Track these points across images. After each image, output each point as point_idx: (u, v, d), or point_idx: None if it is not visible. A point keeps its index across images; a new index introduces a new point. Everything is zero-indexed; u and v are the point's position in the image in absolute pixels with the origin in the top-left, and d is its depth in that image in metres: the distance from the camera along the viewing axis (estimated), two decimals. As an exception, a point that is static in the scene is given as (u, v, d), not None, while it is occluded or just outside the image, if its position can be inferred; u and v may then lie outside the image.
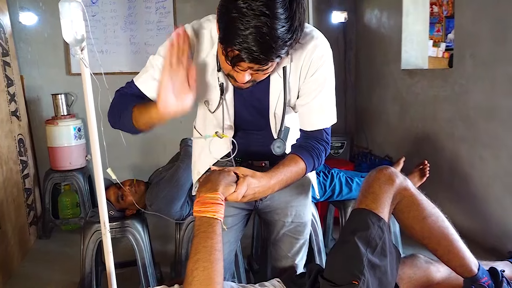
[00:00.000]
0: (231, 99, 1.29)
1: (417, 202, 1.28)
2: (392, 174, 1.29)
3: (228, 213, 1.48)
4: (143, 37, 3.62)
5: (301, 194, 1.53)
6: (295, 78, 1.24)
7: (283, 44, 0.97)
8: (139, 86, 1.24)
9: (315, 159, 1.27)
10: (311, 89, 1.25)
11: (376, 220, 1.20)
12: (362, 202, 1.27)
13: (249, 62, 0.99)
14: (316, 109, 1.27)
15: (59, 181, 3.29)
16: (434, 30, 4.55)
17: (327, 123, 1.30)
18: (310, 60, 1.20)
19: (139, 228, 2.16)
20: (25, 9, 3.34)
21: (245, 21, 0.93)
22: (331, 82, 1.27)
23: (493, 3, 2.53)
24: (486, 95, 2.64)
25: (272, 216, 1.54)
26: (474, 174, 2.78)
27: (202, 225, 1.02)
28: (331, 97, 1.29)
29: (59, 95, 3.26)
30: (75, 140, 3.23)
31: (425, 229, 1.27)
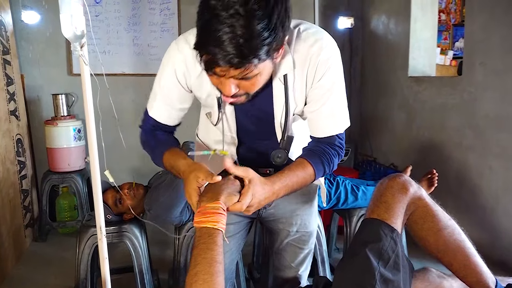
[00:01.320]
0: (232, 111, 1.21)
1: (432, 213, 1.20)
2: (406, 182, 1.21)
3: (230, 221, 1.41)
4: (146, 39, 3.57)
5: (307, 202, 1.46)
6: (301, 85, 1.15)
7: (260, 43, 0.88)
8: (154, 117, 1.26)
9: (326, 164, 1.19)
10: (319, 95, 1.16)
11: (389, 231, 1.13)
12: (374, 211, 1.19)
13: (224, 66, 0.90)
14: (326, 115, 1.18)
15: (57, 183, 3.23)
16: (441, 38, 4.49)
17: (339, 129, 1.21)
18: (316, 64, 1.11)
19: (137, 233, 2.09)
20: (27, 7, 3.29)
21: (218, 21, 0.86)
22: (341, 85, 1.18)
23: (504, 10, 2.47)
24: (496, 104, 2.57)
25: (276, 225, 1.47)
26: (483, 184, 2.70)
27: (202, 236, 0.95)
28: (341, 101, 1.20)
29: (59, 95, 3.20)
30: (75, 141, 3.17)
31: (440, 242, 1.19)
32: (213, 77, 0.97)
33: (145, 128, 1.32)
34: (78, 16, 1.38)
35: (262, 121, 1.23)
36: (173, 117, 1.28)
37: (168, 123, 1.28)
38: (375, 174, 3.46)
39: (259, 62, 0.92)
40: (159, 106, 1.25)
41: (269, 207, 1.41)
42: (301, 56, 1.11)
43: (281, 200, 1.39)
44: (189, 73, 1.17)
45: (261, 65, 0.94)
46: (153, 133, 1.30)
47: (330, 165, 1.20)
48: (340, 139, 1.23)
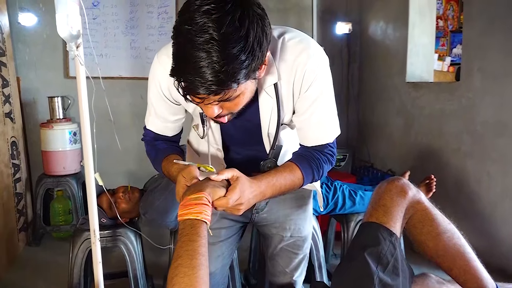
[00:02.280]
0: (217, 125, 1.20)
1: (431, 217, 1.19)
2: (405, 185, 1.20)
3: (222, 225, 1.39)
4: (144, 42, 3.55)
5: (301, 207, 1.44)
6: (288, 95, 1.12)
7: (238, 67, 0.85)
8: (152, 130, 1.29)
9: (315, 170, 1.17)
10: (307, 105, 1.13)
11: (388, 235, 1.11)
12: (372, 215, 1.17)
13: (203, 93, 0.88)
14: (315, 125, 1.16)
15: (51, 187, 3.19)
16: (439, 44, 4.50)
17: (329, 138, 1.19)
18: (303, 74, 1.07)
19: (131, 237, 2.06)
20: (24, 9, 3.27)
21: (193, 48, 0.83)
22: (329, 94, 1.15)
23: (503, 16, 2.47)
24: (495, 109, 2.56)
25: (269, 230, 1.45)
26: (481, 191, 2.69)
27: (185, 228, 0.91)
28: (330, 110, 1.17)
29: (55, 98, 3.17)
30: (70, 144, 3.14)
31: (439, 246, 1.17)
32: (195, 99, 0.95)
33: (146, 140, 1.34)
34: (74, 16, 1.37)
35: (249, 132, 1.21)
36: (170, 129, 1.29)
37: (167, 134, 1.29)
38: (372, 179, 3.45)
39: (238, 85, 0.90)
40: (154, 120, 1.27)
41: (261, 212, 1.40)
42: (288, 66, 1.08)
43: (274, 205, 1.38)
44: (173, 86, 1.12)
45: (242, 86, 0.92)
46: (153, 143, 1.31)
47: (319, 171, 1.18)
48: (330, 147, 1.20)
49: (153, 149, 1.31)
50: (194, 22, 0.83)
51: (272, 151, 1.19)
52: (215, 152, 1.27)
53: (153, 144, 1.31)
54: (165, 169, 1.22)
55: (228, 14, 0.83)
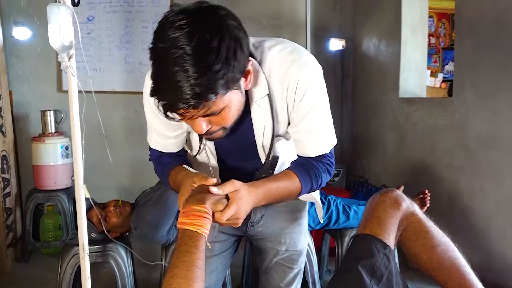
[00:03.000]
0: (212, 142, 1.18)
1: (426, 229, 1.17)
2: (398, 197, 1.18)
3: (217, 239, 1.37)
4: (138, 57, 3.55)
5: (296, 220, 1.42)
6: (282, 107, 1.10)
7: (213, 78, 0.85)
8: (156, 148, 1.27)
9: (313, 179, 1.16)
10: (301, 115, 1.11)
11: (382, 247, 1.09)
12: (365, 227, 1.15)
13: (183, 108, 0.88)
14: (311, 136, 1.14)
15: (42, 201, 3.14)
16: (431, 61, 4.55)
17: (325, 148, 1.17)
18: (296, 84, 1.05)
19: (122, 253, 2.02)
20: (19, 23, 3.27)
21: (168, 65, 0.85)
22: (324, 103, 1.13)
23: (493, 32, 2.50)
24: (487, 124, 2.57)
25: (264, 244, 1.42)
26: (475, 205, 2.68)
27: (184, 238, 0.91)
28: (326, 119, 1.15)
29: (48, 111, 3.16)
30: (62, 158, 3.11)
31: (434, 259, 1.15)
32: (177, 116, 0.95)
33: (153, 159, 1.32)
34: (66, 27, 1.36)
35: (244, 146, 1.19)
36: (173, 145, 1.26)
37: (172, 150, 1.27)
38: (366, 195, 3.44)
39: (216, 97, 0.89)
40: (156, 139, 1.25)
41: (257, 225, 1.38)
42: (280, 77, 1.06)
43: (269, 218, 1.37)
44: None
45: (224, 98, 0.92)
46: (159, 159, 1.29)
47: (318, 180, 1.17)
48: (328, 157, 1.19)
49: (159, 165, 1.29)
50: (167, 38, 0.84)
51: (268, 161, 1.17)
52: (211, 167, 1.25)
53: (159, 160, 1.29)
54: (172, 179, 1.21)
55: (199, 27, 0.85)
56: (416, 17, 3.40)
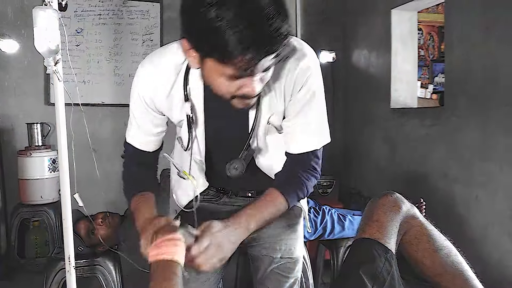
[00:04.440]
0: (202, 133, 1.15)
1: (427, 233, 1.13)
2: (398, 200, 1.15)
3: None
4: (128, 69, 3.52)
5: (292, 227, 1.37)
6: (279, 98, 1.08)
7: (289, 27, 0.84)
8: (132, 143, 1.21)
9: (299, 192, 1.13)
10: (298, 108, 1.09)
11: (383, 251, 1.05)
12: (365, 231, 1.11)
13: (251, 53, 0.80)
14: (304, 130, 1.12)
15: (28, 217, 3.05)
16: (421, 73, 4.59)
17: (318, 144, 1.14)
18: (295, 75, 1.04)
19: (110, 267, 1.95)
20: (6, 36, 3.22)
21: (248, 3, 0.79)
22: (321, 97, 1.11)
23: (482, 41, 2.52)
24: (480, 133, 2.57)
25: (259, 251, 1.37)
26: (470, 215, 2.65)
27: (158, 268, 0.85)
28: (321, 114, 1.14)
29: (34, 124, 3.10)
30: (49, 172, 3.03)
31: (437, 264, 1.11)
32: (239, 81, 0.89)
33: (125, 161, 1.26)
34: (53, 30, 1.32)
35: (236, 136, 1.14)
36: (150, 143, 1.22)
37: (146, 149, 1.22)
38: (360, 206, 3.40)
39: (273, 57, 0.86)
40: (135, 133, 1.20)
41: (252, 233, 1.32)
42: (279, 64, 1.03)
43: None
44: (157, 95, 1.10)
45: None
46: (130, 169, 1.24)
47: (304, 190, 1.14)
48: (316, 157, 1.15)
49: (130, 177, 1.24)
50: None
51: (244, 152, 1.12)
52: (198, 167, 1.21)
53: (130, 170, 1.24)
54: (135, 204, 1.16)
55: None
56: (406, 29, 3.42)
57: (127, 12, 3.49)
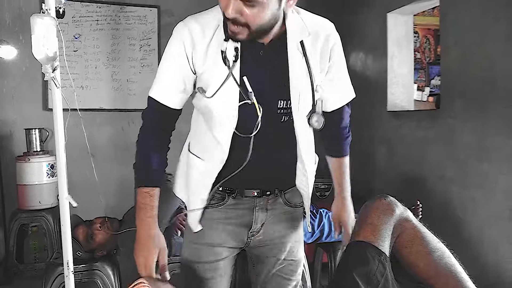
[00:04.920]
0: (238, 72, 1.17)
1: (420, 235, 1.15)
2: (392, 203, 1.18)
3: (219, 257, 1.32)
4: (125, 74, 3.54)
5: (295, 229, 1.40)
6: (315, 53, 1.22)
7: None
8: (155, 97, 1.23)
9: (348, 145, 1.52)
10: (337, 66, 1.30)
11: (376, 254, 1.07)
12: (359, 234, 1.13)
13: None
14: (340, 85, 1.37)
15: (26, 222, 3.06)
16: (417, 76, 4.61)
17: (351, 96, 1.44)
18: (328, 38, 1.24)
19: (108, 271, 1.96)
20: (4, 42, 3.24)
21: None
22: (344, 60, 1.36)
23: (478, 44, 2.54)
24: (476, 135, 2.58)
25: (264, 252, 1.38)
26: (467, 216, 2.66)
27: None
28: (346, 72, 1.39)
29: (33, 130, 3.11)
30: (47, 177, 3.04)
31: (431, 266, 1.12)
32: None
33: (144, 123, 1.28)
34: (50, 37, 1.34)
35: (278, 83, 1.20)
36: (173, 99, 1.23)
37: (169, 104, 1.23)
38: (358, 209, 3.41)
39: None
40: (162, 87, 1.23)
41: (257, 234, 1.34)
42: (313, 28, 1.21)
43: (269, 226, 1.34)
44: (195, 46, 1.16)
45: None
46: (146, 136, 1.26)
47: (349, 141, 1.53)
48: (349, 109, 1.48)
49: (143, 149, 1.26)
50: None
51: (315, 105, 1.23)
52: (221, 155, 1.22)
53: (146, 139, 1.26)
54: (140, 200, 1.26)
55: None
56: (402, 32, 3.44)
57: (125, 18, 3.51)
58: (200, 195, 1.27)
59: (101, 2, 3.45)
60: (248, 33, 1.08)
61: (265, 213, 1.31)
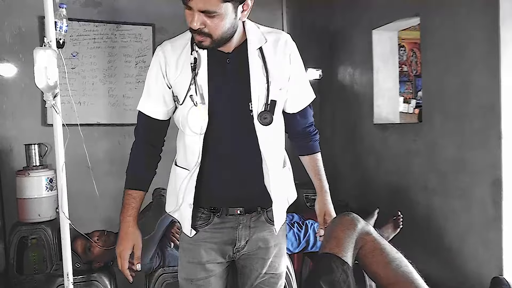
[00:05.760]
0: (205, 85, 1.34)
1: (380, 247, 1.29)
2: (354, 219, 1.33)
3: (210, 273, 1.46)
4: (122, 90, 3.66)
5: (278, 245, 1.52)
6: (274, 64, 1.36)
7: None
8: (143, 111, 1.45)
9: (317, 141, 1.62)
10: (297, 72, 1.44)
11: (340, 264, 1.21)
12: (325, 246, 1.28)
13: None
14: (303, 87, 1.50)
15: (26, 234, 3.15)
16: (404, 88, 4.76)
17: (312, 97, 1.54)
18: (285, 47, 1.39)
19: (106, 282, 2.07)
20: (4, 60, 3.36)
21: None
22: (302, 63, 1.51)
23: (455, 62, 2.68)
24: (455, 148, 2.71)
25: (250, 263, 1.51)
26: (448, 226, 2.79)
27: None
28: (306, 76, 1.57)
29: (32, 145, 3.22)
30: (46, 191, 3.15)
31: (390, 275, 1.26)
32: (187, 12, 1.22)
33: (136, 138, 1.49)
34: (52, 68, 1.46)
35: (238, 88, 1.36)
36: (159, 112, 1.43)
37: (155, 116, 1.43)
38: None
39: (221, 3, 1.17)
40: (146, 101, 1.44)
41: (242, 250, 1.47)
42: (271, 40, 1.38)
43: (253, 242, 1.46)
44: (167, 62, 1.37)
45: (222, 5, 1.18)
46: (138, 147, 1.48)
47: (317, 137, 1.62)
48: (311, 109, 1.57)
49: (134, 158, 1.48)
50: None
51: (267, 105, 1.35)
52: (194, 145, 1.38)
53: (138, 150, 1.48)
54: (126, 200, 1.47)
55: None
56: (387, 48, 3.59)
57: (121, 36, 3.64)
58: (188, 200, 1.41)
59: (98, 21, 3.59)
60: (211, 41, 1.26)
61: (248, 231, 1.44)
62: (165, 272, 2.07)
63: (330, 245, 1.25)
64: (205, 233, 1.44)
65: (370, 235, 1.30)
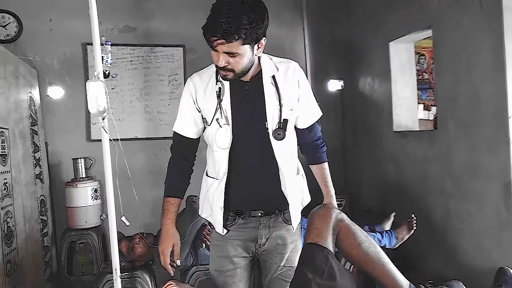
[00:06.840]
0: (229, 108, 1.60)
1: (352, 231, 1.50)
2: (330, 209, 1.56)
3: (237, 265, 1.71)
4: (156, 106, 3.99)
5: (294, 242, 1.74)
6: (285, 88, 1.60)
7: (242, 27, 1.37)
8: (177, 131, 1.71)
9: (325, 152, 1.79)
10: (305, 94, 1.67)
11: (320, 250, 1.42)
12: (308, 237, 1.50)
13: (216, 36, 1.39)
14: (310, 107, 1.72)
15: (75, 239, 3.49)
16: (426, 95, 4.87)
17: (319, 115, 1.75)
18: (294, 73, 1.63)
19: (147, 278, 2.34)
20: (53, 84, 3.75)
21: (220, 8, 1.39)
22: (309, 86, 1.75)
23: (466, 71, 2.83)
24: (468, 153, 2.85)
25: (270, 258, 1.74)
26: (464, 228, 2.91)
27: None
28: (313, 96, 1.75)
29: (79, 159, 3.57)
30: (92, 200, 3.49)
31: (361, 255, 1.47)
32: (213, 53, 1.47)
33: (172, 154, 1.75)
34: (101, 96, 1.76)
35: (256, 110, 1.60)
36: (191, 131, 1.69)
37: (188, 135, 1.69)
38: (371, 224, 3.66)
39: (238, 40, 1.39)
40: (180, 123, 1.70)
41: (263, 246, 1.71)
42: (282, 69, 1.63)
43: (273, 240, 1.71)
44: (197, 91, 1.64)
45: (241, 46, 1.42)
46: (174, 162, 1.74)
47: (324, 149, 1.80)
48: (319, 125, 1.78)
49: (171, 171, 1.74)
50: None
51: (280, 123, 1.59)
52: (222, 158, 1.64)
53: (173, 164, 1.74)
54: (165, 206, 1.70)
55: None
56: (404, 59, 3.76)
57: (155, 57, 3.98)
58: (219, 204, 1.66)
59: (135, 45, 3.94)
60: (233, 74, 1.51)
61: (267, 230, 1.69)
62: (198, 270, 2.33)
63: (312, 235, 1.47)
64: (232, 232, 1.69)
65: (343, 222, 1.52)
